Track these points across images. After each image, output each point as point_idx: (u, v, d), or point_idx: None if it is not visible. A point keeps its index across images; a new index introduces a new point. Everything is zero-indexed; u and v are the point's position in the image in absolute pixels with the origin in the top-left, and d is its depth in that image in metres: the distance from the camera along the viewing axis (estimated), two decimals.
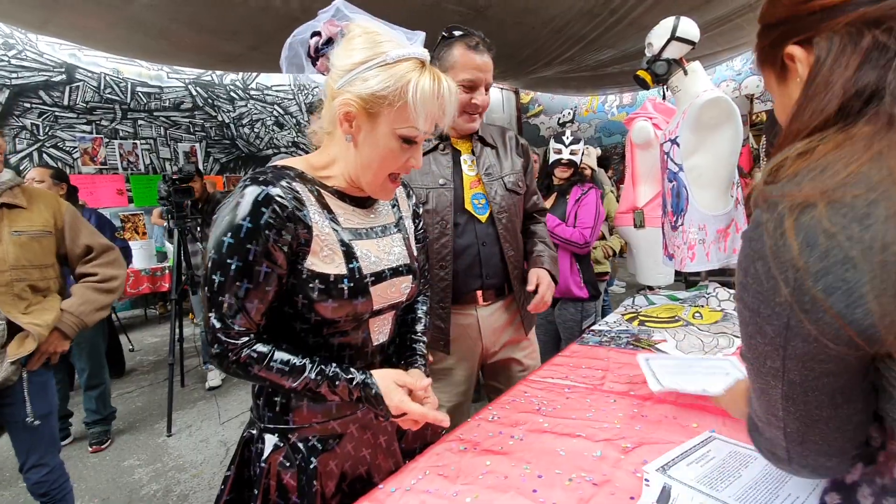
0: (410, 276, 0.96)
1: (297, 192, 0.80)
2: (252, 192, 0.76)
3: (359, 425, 0.93)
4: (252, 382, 0.85)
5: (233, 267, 0.75)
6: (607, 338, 1.62)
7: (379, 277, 0.88)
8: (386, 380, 0.85)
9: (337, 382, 0.82)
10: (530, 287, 1.39)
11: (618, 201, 3.05)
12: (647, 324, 1.71)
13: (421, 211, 1.11)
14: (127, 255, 2.95)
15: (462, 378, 1.47)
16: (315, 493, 0.86)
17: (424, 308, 1.12)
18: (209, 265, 0.76)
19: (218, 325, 0.77)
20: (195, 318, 5.05)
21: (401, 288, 0.93)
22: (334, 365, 0.83)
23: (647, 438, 0.95)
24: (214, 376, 3.60)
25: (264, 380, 0.80)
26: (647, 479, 0.79)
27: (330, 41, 0.80)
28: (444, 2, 3.76)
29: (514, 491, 0.81)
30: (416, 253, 1.02)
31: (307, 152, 0.93)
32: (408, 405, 0.84)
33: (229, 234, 0.75)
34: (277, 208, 0.76)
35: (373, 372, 0.86)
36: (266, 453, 0.87)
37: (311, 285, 0.80)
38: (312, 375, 0.80)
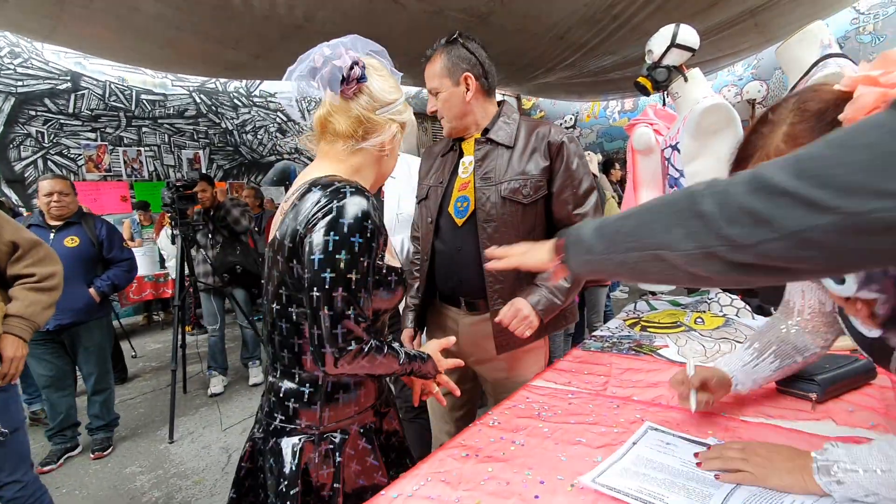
0: None
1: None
2: (360, 198, 0.86)
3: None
4: (365, 373, 0.95)
5: (365, 264, 0.85)
6: (609, 343, 1.61)
7: None
8: (434, 352, 1.11)
9: (416, 356, 1.01)
10: (498, 319, 1.31)
11: (619, 207, 3.06)
12: (648, 329, 1.71)
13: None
14: (133, 266, 2.96)
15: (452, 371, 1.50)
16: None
17: None
18: (342, 264, 0.83)
19: (360, 315, 0.85)
20: (194, 328, 5.09)
21: None
22: (401, 345, 1.00)
23: None
24: (217, 383, 3.60)
25: (380, 366, 0.92)
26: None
27: (364, 72, 0.95)
28: (446, 9, 3.79)
29: (517, 497, 0.81)
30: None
31: (311, 159, 1.05)
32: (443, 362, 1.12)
33: (357, 235, 0.84)
34: (377, 213, 0.89)
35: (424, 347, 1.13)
36: (339, 450, 0.95)
37: (389, 278, 0.95)
38: (404, 355, 0.97)
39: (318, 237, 0.83)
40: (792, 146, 0.66)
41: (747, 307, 1.78)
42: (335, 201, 0.84)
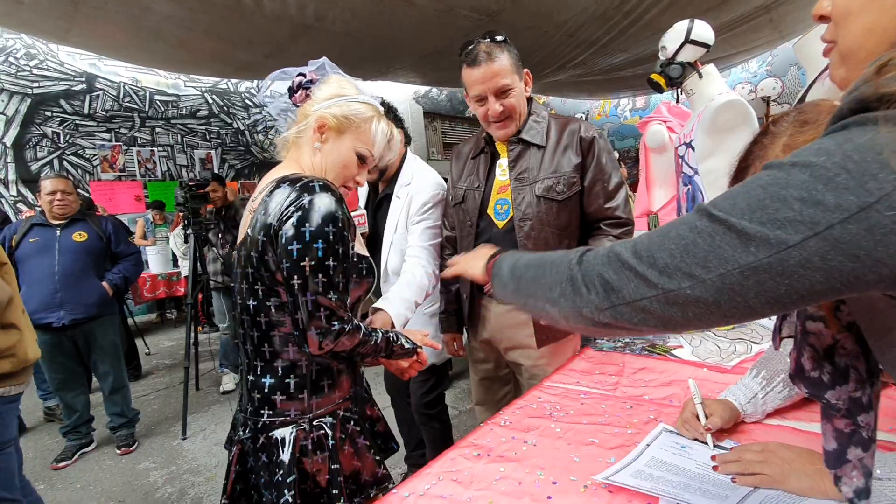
0: None
1: None
2: (328, 191, 0.91)
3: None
4: (350, 354, 0.99)
5: (340, 252, 0.90)
6: (622, 343, 1.60)
7: None
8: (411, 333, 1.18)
9: (393, 339, 1.08)
10: None
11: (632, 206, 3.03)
12: None
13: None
14: (140, 260, 3.00)
15: (481, 357, 1.62)
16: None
17: None
18: (319, 252, 0.88)
19: (340, 298, 0.91)
20: (204, 327, 5.13)
21: None
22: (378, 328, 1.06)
23: None
24: (229, 380, 3.64)
25: (363, 344, 0.97)
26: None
27: (312, 82, 1.04)
28: (456, 7, 3.78)
29: (529, 497, 0.80)
30: None
31: None
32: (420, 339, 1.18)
33: (330, 225, 0.89)
34: (344, 205, 0.94)
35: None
36: (330, 434, 0.98)
37: (360, 266, 1.02)
38: (382, 335, 1.04)
39: (293, 229, 0.88)
40: None
41: None
42: (305, 194, 0.90)
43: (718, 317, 0.47)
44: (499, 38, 1.34)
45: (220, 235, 3.59)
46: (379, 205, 1.80)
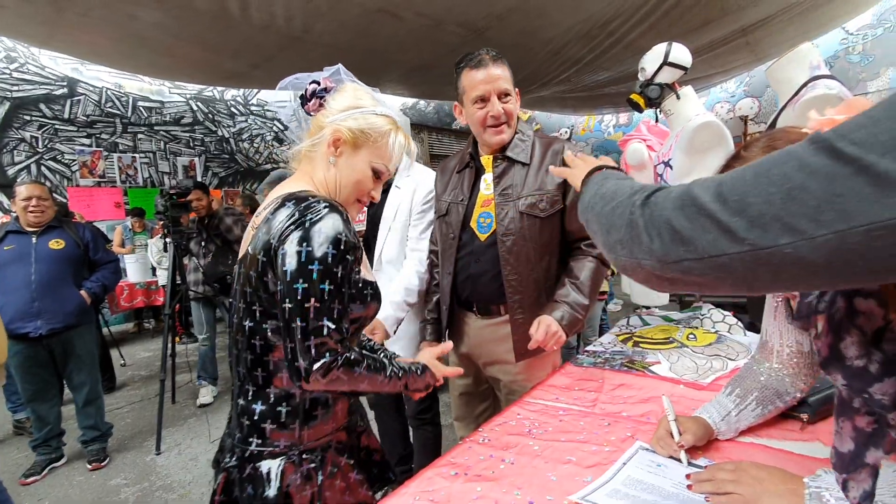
0: None
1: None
2: (332, 212, 0.86)
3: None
4: (345, 388, 0.88)
5: (339, 275, 0.84)
6: (602, 359, 1.61)
7: None
8: (430, 361, 1.10)
9: (410, 370, 1.00)
10: (530, 331, 1.36)
11: None
12: (641, 345, 1.70)
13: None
14: (118, 268, 2.94)
15: (464, 371, 1.59)
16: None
17: None
18: (314, 275, 0.81)
19: (333, 327, 0.83)
20: (182, 337, 5.03)
21: None
22: (391, 359, 1.00)
23: None
24: (206, 393, 3.56)
25: (361, 380, 0.88)
26: None
27: (326, 90, 0.99)
28: (443, 23, 3.83)
29: None
30: None
31: None
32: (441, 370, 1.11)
33: (331, 246, 0.83)
34: (351, 227, 0.89)
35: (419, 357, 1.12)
36: (320, 468, 0.94)
37: (364, 292, 0.95)
38: (394, 369, 0.96)
39: (290, 248, 0.82)
40: None
41: (739, 323, 1.78)
42: (308, 214, 0.84)
43: (823, 281, 0.38)
44: (494, 53, 1.40)
45: (202, 245, 3.54)
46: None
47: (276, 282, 0.85)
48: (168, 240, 3.18)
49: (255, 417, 0.90)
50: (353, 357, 0.86)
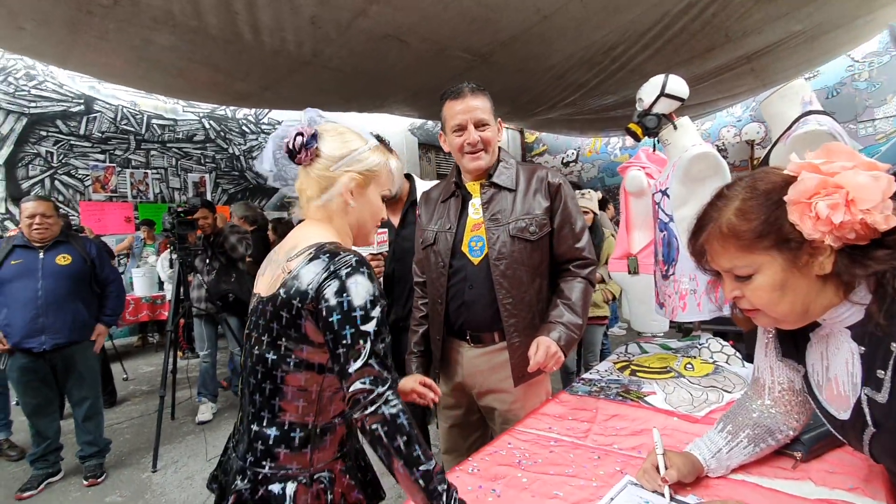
0: None
1: None
2: (363, 266, 0.92)
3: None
4: (385, 442, 0.84)
5: (377, 320, 0.90)
6: (597, 388, 1.60)
7: None
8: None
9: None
10: (529, 353, 1.36)
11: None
12: (638, 374, 1.69)
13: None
14: (121, 288, 2.98)
15: (451, 404, 1.58)
16: None
17: None
18: (359, 320, 0.88)
19: (380, 368, 0.87)
20: (186, 352, 5.06)
21: None
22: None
23: None
24: (206, 410, 3.56)
25: (403, 437, 0.84)
26: None
27: (315, 137, 1.00)
28: (449, 49, 3.91)
29: None
30: None
31: None
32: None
33: (367, 294, 0.90)
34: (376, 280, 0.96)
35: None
36: (329, 488, 0.97)
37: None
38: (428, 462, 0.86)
39: (332, 300, 0.89)
40: (742, 220, 0.73)
41: (737, 354, 1.77)
42: (343, 268, 0.91)
43: None
44: (479, 87, 1.45)
45: (206, 262, 3.58)
46: (403, 221, 2.04)
47: (311, 327, 0.92)
48: (174, 256, 3.22)
49: (270, 442, 0.96)
50: (398, 402, 0.87)
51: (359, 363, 0.86)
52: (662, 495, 0.91)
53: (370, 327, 0.89)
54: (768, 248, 0.72)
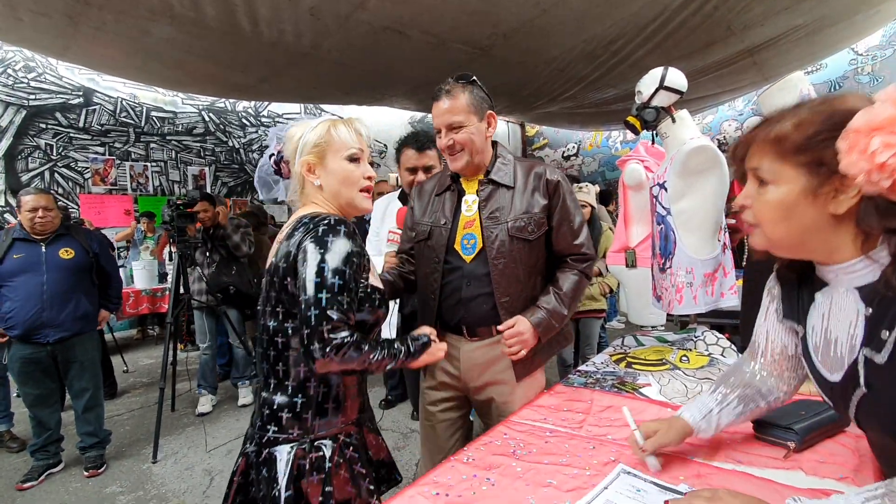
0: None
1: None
2: (340, 224, 1.04)
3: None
4: (355, 367, 1.00)
5: (346, 274, 0.99)
6: (593, 379, 1.61)
7: None
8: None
9: (413, 345, 1.15)
10: (501, 327, 1.39)
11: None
12: (633, 366, 1.70)
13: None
14: (119, 279, 3.04)
15: (439, 398, 1.57)
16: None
17: None
18: (326, 271, 0.97)
19: (338, 316, 0.96)
20: (187, 345, 5.08)
21: None
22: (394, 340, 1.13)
23: None
24: (205, 402, 3.58)
25: (368, 358, 1.00)
26: None
27: (280, 150, 1.19)
28: (449, 41, 3.89)
29: None
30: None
31: None
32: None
33: (339, 249, 0.99)
34: (357, 238, 1.06)
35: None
36: (328, 456, 1.04)
37: (373, 296, 1.08)
38: (396, 345, 1.10)
39: (305, 252, 0.99)
40: (794, 130, 0.71)
41: (733, 346, 1.78)
42: (321, 225, 1.03)
43: None
44: (462, 80, 1.41)
45: (206, 255, 3.58)
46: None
47: (295, 283, 1.00)
48: (173, 249, 3.23)
49: (275, 407, 1.04)
50: (360, 336, 0.99)
51: (317, 311, 0.94)
52: (655, 483, 0.92)
53: (336, 280, 0.97)
54: (799, 165, 0.70)
